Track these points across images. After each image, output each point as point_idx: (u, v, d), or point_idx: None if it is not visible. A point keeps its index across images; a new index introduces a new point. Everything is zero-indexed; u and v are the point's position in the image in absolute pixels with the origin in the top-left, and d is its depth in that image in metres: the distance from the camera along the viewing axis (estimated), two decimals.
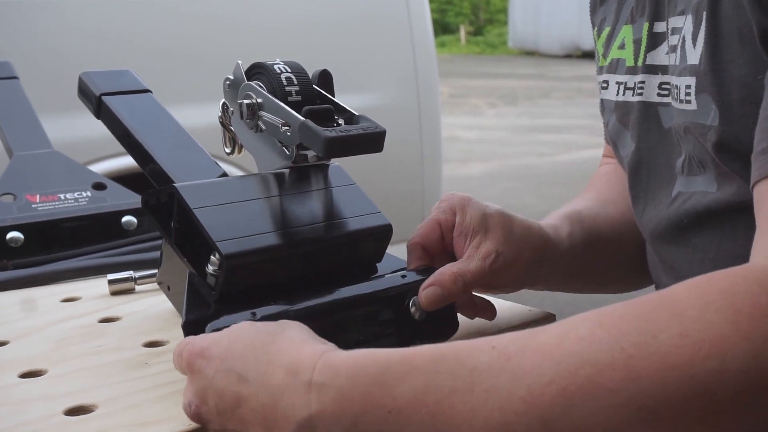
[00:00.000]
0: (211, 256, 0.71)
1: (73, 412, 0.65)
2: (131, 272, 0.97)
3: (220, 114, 0.84)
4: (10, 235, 1.06)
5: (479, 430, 0.50)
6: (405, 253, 0.81)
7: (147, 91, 0.95)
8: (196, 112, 1.78)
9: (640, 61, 0.79)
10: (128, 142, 0.89)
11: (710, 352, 0.46)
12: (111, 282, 0.96)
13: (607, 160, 1.01)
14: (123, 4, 2.26)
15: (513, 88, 12.72)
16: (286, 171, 0.80)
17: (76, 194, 1.15)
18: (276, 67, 0.79)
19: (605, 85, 0.85)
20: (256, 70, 0.80)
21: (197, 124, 1.26)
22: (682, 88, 0.69)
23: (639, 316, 0.50)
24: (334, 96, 0.80)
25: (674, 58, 0.72)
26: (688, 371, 0.46)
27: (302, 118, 0.73)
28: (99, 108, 0.91)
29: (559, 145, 8.01)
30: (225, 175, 0.85)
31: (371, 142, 0.74)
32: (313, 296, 0.73)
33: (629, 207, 0.86)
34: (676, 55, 0.71)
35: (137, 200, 1.14)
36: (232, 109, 0.82)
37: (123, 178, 1.40)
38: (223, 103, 0.83)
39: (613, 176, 0.97)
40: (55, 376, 0.73)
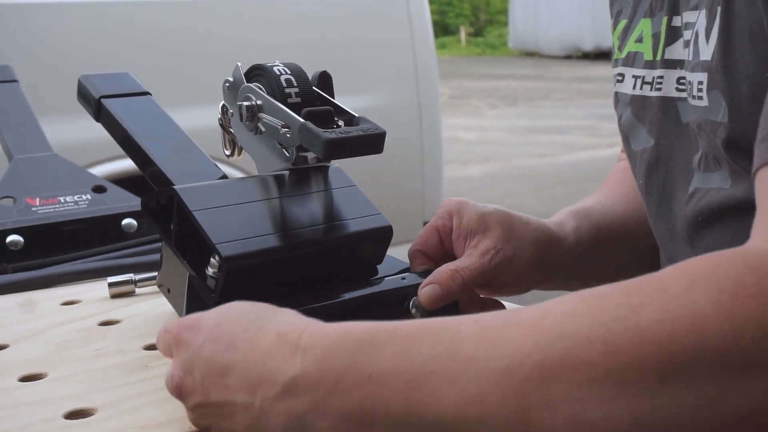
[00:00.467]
0: (211, 259, 0.71)
1: (73, 415, 0.65)
2: (131, 275, 0.96)
3: (220, 116, 0.84)
4: (10, 239, 1.06)
5: (454, 400, 0.49)
6: (405, 255, 0.81)
7: (146, 93, 0.94)
8: (196, 114, 1.78)
9: (659, 56, 0.77)
10: (128, 145, 0.88)
11: (689, 330, 0.45)
12: (111, 285, 0.96)
13: (624, 156, 1.00)
14: (122, 7, 2.27)
15: (513, 89, 12.72)
16: (286, 173, 0.80)
17: (76, 197, 1.15)
18: (275, 69, 0.79)
19: (620, 78, 0.83)
20: (256, 72, 0.80)
21: (197, 127, 1.25)
22: (695, 84, 0.68)
23: (622, 292, 0.49)
24: (334, 97, 0.80)
25: (688, 54, 0.71)
26: (666, 347, 0.45)
27: (302, 120, 0.73)
28: (98, 111, 0.91)
29: (559, 145, 8.01)
30: (225, 177, 0.85)
31: (371, 144, 0.74)
32: (313, 298, 0.73)
33: (639, 204, 0.85)
34: (689, 51, 0.70)
35: (137, 203, 1.14)
36: (231, 111, 0.82)
37: (123, 180, 1.39)
38: (223, 105, 0.83)
39: (626, 173, 0.95)
40: (55, 380, 0.72)
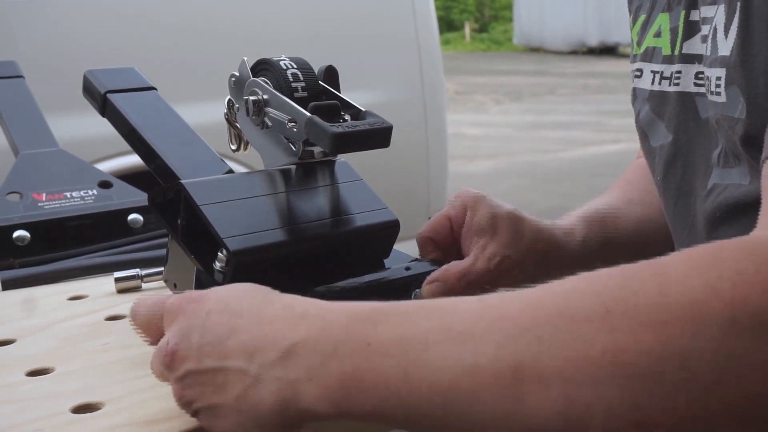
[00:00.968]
0: (219, 253, 0.71)
1: (79, 410, 0.65)
2: (138, 270, 0.96)
3: (226, 111, 0.84)
4: (17, 234, 1.06)
5: (450, 371, 0.49)
6: (410, 250, 0.81)
7: (152, 88, 0.94)
8: (202, 109, 1.78)
9: (677, 50, 0.77)
10: (134, 140, 0.88)
11: (686, 315, 0.45)
12: (117, 280, 0.96)
13: (642, 153, 0.99)
14: (128, 1, 2.26)
15: (518, 85, 12.71)
16: (293, 167, 0.80)
17: (82, 192, 1.15)
18: (282, 64, 0.78)
19: (639, 74, 0.83)
20: (262, 67, 0.80)
21: (202, 121, 1.25)
22: (713, 79, 0.68)
23: (623, 274, 0.49)
24: (340, 92, 0.80)
25: (706, 49, 0.70)
26: (662, 331, 0.45)
27: (309, 114, 0.73)
28: (104, 106, 0.91)
29: (565, 141, 8.00)
30: (231, 172, 0.85)
31: (378, 138, 0.74)
32: (320, 292, 0.73)
33: (654, 206, 0.84)
34: (707, 46, 0.70)
35: (143, 198, 1.14)
36: (237, 106, 0.82)
37: (129, 176, 1.39)
38: (229, 100, 0.83)
39: (645, 170, 0.94)
40: (62, 374, 0.72)
